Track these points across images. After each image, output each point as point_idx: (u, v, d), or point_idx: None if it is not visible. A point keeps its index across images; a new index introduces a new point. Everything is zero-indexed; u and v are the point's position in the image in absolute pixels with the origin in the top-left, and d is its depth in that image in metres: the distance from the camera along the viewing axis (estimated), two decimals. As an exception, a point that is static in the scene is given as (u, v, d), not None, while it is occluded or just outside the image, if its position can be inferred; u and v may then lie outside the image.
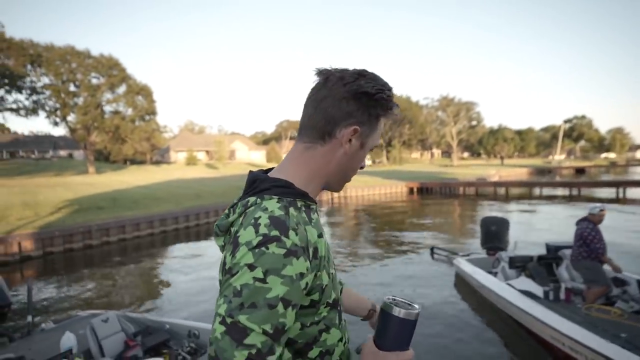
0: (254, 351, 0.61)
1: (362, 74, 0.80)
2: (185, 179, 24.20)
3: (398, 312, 0.74)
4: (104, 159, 46.28)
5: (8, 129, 56.66)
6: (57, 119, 31.59)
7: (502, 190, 23.39)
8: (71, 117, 31.64)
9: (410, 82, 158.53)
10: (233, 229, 0.73)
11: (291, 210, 0.73)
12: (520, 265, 5.35)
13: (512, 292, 4.86)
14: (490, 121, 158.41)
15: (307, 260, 0.68)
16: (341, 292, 1.15)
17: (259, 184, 0.78)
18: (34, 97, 29.77)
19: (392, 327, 0.75)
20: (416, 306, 0.77)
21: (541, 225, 12.58)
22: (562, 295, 4.60)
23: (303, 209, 0.78)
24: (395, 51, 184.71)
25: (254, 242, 0.65)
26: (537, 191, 22.83)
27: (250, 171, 0.85)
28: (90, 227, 10.86)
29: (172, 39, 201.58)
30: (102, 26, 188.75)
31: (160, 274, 8.56)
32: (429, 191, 24.97)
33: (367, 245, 10.47)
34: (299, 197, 0.78)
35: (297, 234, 0.68)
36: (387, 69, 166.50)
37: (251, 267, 0.64)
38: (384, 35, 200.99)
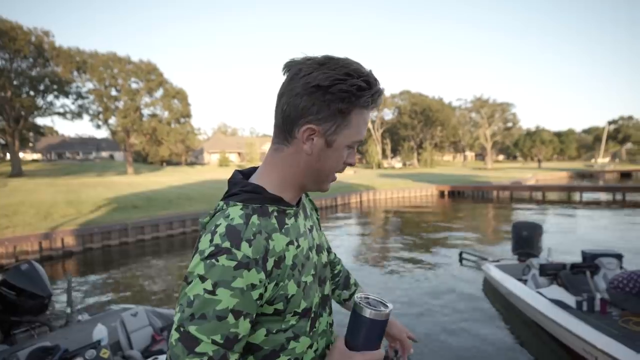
0: (205, 358, 0.63)
1: (322, 63, 0.71)
2: (217, 180, 24.84)
3: (369, 313, 0.74)
4: (142, 160, 48.37)
5: (56, 132, 60.59)
6: (100, 122, 33.51)
7: (538, 195, 22.39)
8: (112, 120, 33.45)
9: (442, 83, 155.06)
10: None
11: (253, 218, 0.71)
12: (552, 273, 5.11)
13: (542, 300, 4.66)
14: (527, 123, 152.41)
15: (260, 272, 0.67)
16: (354, 293, 1.13)
17: (231, 187, 0.79)
18: (79, 102, 31.71)
19: (361, 327, 0.75)
20: (388, 305, 0.77)
21: (580, 232, 11.96)
22: (597, 306, 4.35)
23: (275, 214, 0.75)
24: (427, 51, 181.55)
25: (206, 253, 0.66)
26: (577, 196, 21.66)
27: (236, 170, 0.84)
28: (127, 225, 11.39)
29: (207, 42, 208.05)
30: (137, 31, 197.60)
31: (190, 271, 8.85)
32: (460, 195, 24.31)
33: (394, 248, 10.35)
34: (270, 203, 0.75)
35: (250, 245, 0.67)
36: (418, 69, 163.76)
37: (202, 278, 0.64)
38: (415, 34, 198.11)
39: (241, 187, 0.76)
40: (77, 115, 31.60)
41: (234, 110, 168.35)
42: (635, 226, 12.98)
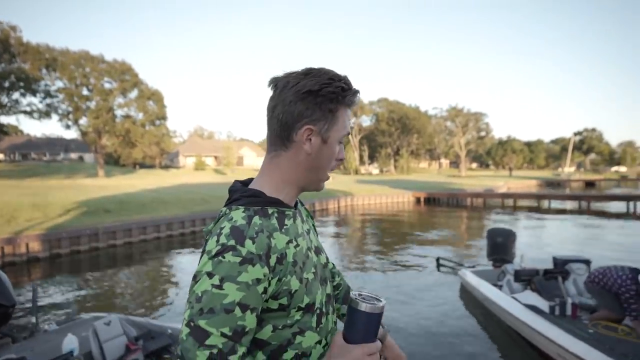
0: (215, 351, 0.66)
1: (306, 73, 0.82)
2: (193, 184, 24.36)
3: (364, 307, 0.78)
4: (114, 163, 46.81)
5: (21, 131, 57.88)
6: (69, 122, 32.19)
7: (510, 202, 23.16)
8: (83, 121, 32.20)
9: (419, 92, 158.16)
10: None
11: (255, 219, 0.77)
12: (526, 278, 5.26)
13: (517, 306, 4.79)
14: (499, 132, 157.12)
15: (264, 267, 0.72)
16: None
17: (232, 194, 0.85)
18: (48, 101, 30.38)
19: (358, 321, 0.79)
20: (382, 300, 0.81)
21: (549, 239, 12.41)
22: (569, 311, 4.51)
23: (275, 215, 0.82)
24: (404, 60, 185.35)
25: (213, 251, 0.71)
26: (545, 204, 22.55)
27: (235, 180, 0.90)
28: (97, 229, 10.96)
29: (184, 45, 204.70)
30: (110, 29, 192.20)
31: (164, 278, 8.60)
32: (436, 201, 24.81)
33: (372, 255, 10.41)
34: (269, 205, 0.82)
35: (254, 242, 0.72)
36: (396, 79, 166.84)
37: (210, 275, 0.70)
38: (393, 44, 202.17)
39: (241, 193, 0.83)
40: (45, 114, 30.20)
41: (211, 113, 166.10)
42: (599, 232, 13.63)
